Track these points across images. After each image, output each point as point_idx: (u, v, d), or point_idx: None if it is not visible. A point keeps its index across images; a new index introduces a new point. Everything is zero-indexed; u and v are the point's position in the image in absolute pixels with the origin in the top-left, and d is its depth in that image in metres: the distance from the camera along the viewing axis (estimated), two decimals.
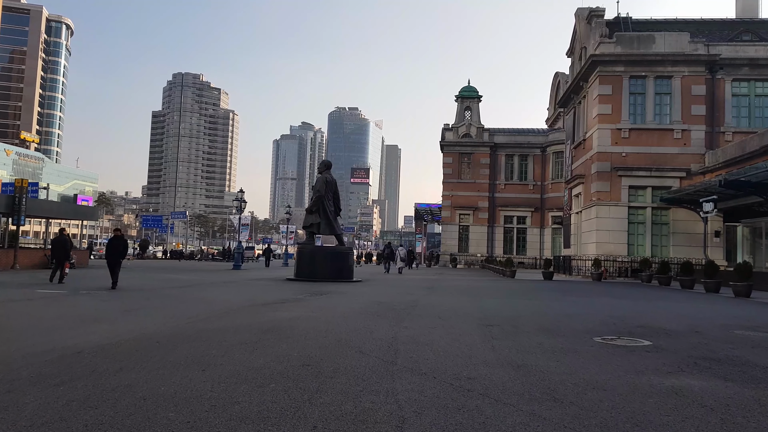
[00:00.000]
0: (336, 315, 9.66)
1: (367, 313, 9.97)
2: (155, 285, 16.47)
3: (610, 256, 28.18)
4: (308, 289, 15.76)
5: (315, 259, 20.06)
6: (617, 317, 10.29)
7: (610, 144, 29.17)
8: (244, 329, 7.90)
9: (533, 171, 50.74)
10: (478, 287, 19.27)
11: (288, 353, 6.16)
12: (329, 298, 12.92)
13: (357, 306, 11.20)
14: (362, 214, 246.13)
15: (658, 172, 28.70)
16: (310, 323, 8.59)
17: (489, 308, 11.36)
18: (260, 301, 11.98)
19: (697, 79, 28.94)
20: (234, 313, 9.90)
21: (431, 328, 8.28)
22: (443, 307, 11.28)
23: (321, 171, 21.33)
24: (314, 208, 20.50)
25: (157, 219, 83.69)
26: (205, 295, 13.41)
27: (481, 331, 8.18)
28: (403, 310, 10.58)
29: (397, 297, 13.62)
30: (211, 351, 6.22)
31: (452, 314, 10.10)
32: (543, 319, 9.69)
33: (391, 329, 8.09)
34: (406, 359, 5.94)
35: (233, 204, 32.80)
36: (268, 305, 11.16)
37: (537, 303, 13.02)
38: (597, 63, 29.45)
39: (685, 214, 28.10)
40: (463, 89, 52.81)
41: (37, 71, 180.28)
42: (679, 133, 28.79)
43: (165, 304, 11.35)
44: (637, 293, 17.87)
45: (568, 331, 8.38)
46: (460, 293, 15.88)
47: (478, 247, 50.27)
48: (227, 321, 8.78)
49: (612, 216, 28.81)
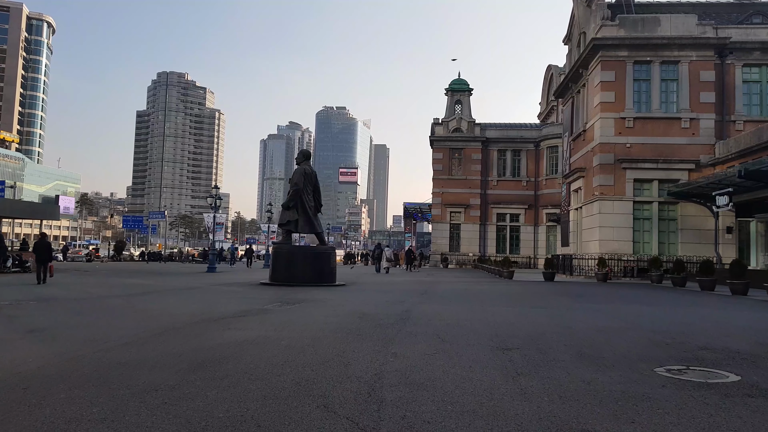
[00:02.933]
0: (304, 336, 7.42)
1: (345, 332, 7.74)
2: (102, 293, 14.12)
3: (614, 255, 26.14)
4: (281, 296, 13.50)
5: (292, 261, 17.78)
6: (663, 332, 8.14)
7: (614, 134, 27.14)
8: (169, 362, 5.65)
9: (526, 167, 48.77)
10: (477, 291, 17.09)
11: (211, 411, 3.94)
12: (302, 308, 10.67)
13: (334, 320, 8.97)
14: (350, 213, 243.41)
15: (665, 164, 26.71)
16: (265, 350, 6.35)
17: (499, 321, 9.17)
18: (215, 314, 9.71)
19: (705, 65, 26.99)
20: (172, 333, 7.63)
21: (429, 356, 6.08)
22: (442, 320, 9.08)
23: (299, 162, 18.95)
24: (291, 204, 18.14)
25: (138, 219, 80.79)
26: (152, 306, 11.10)
27: (498, 359, 5.99)
28: (391, 326, 8.36)
29: (384, 306, 11.39)
30: (92, 409, 3.98)
31: (455, 331, 7.90)
32: (573, 338, 7.50)
33: (374, 359, 5.88)
34: (394, 421, 3.74)
35: (207, 202, 30.38)
36: (222, 320, 8.90)
37: (554, 312, 10.85)
38: (599, 47, 27.41)
39: (695, 209, 26.15)
40: (453, 82, 50.71)
41: (18, 70, 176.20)
42: (687, 122, 26.82)
43: (91, 321, 9.04)
44: (660, 297, 15.79)
45: (614, 357, 6.21)
46: (459, 299, 13.68)
47: (470, 246, 48.20)
48: (155, 347, 6.53)
49: (616, 211, 26.78)
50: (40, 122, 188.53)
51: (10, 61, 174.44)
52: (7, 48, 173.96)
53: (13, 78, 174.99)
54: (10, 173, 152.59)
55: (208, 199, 29.87)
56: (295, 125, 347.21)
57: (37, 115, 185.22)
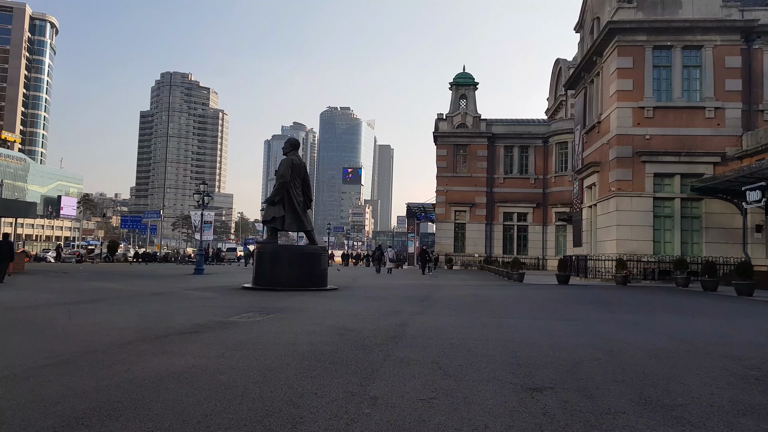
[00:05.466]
0: (256, 365, 5.46)
1: (314, 358, 5.79)
2: (51, 299, 12.19)
3: (633, 256, 24.10)
4: (257, 303, 11.56)
5: (278, 262, 15.81)
6: (738, 359, 6.16)
7: (632, 125, 25.10)
8: (37, 414, 3.72)
9: (534, 164, 46.70)
10: (485, 297, 15.09)
11: None
12: (273, 321, 8.71)
13: (306, 340, 7.01)
14: (354, 214, 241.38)
15: (688, 157, 24.65)
16: (190, 392, 4.40)
17: (518, 340, 7.18)
18: (160, 329, 7.77)
19: (731, 49, 24.93)
20: (85, 359, 5.69)
21: (425, 404, 4.12)
22: (445, 339, 7.12)
23: (286, 152, 16.96)
24: (277, 198, 16.13)
25: (136, 219, 79.04)
26: (92, 318, 9.16)
27: (526, 408, 4.03)
28: (378, 348, 6.41)
29: (375, 318, 9.43)
30: None
31: (462, 357, 5.93)
32: (623, 369, 5.52)
33: (342, 410, 3.93)
34: None
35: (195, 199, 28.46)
36: (163, 339, 6.96)
37: (583, 327, 8.84)
38: (615, 32, 25.37)
39: (721, 206, 24.10)
40: (457, 76, 48.68)
41: (21, 70, 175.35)
42: (711, 112, 24.75)
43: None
44: (700, 305, 13.79)
45: (695, 404, 4.24)
46: (466, 308, 11.69)
47: (476, 247, 46.14)
48: (45, 384, 4.59)
49: (635, 209, 24.74)
50: (43, 123, 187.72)
51: (13, 62, 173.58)
52: (9, 48, 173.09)
53: (16, 78, 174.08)
54: (12, 173, 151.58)
55: (195, 196, 27.92)
56: (299, 126, 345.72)
57: (40, 115, 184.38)
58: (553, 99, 55.22)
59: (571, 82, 33.53)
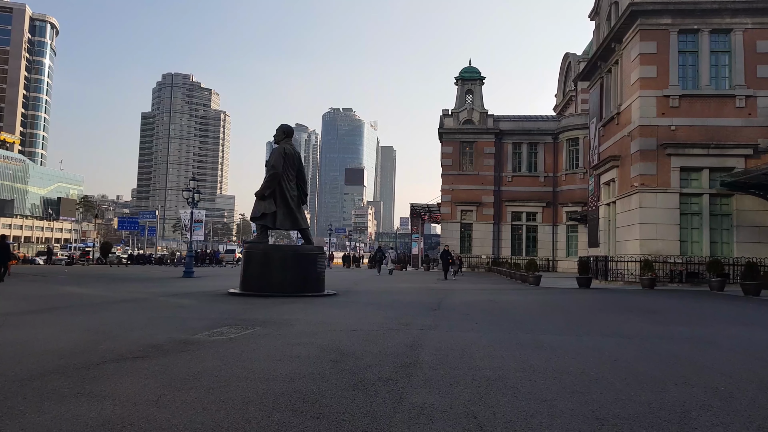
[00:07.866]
0: (201, 421, 3.58)
1: (291, 407, 3.92)
2: (6, 308, 10.35)
3: (658, 256, 22.19)
4: (238, 314, 9.69)
5: (268, 265, 13.92)
6: None
7: (656, 115, 23.19)
8: None
9: (544, 161, 44.85)
10: (506, 304, 13.19)
11: None
12: (247, 341, 6.82)
13: (284, 371, 5.12)
14: (357, 215, 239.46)
15: (717, 150, 22.72)
16: None
17: (575, 371, 5.27)
18: (97, 353, 5.90)
19: (763, 33, 23.00)
20: None
21: None
22: (476, 372, 5.22)
23: (278, 140, 15.01)
24: (267, 192, 14.24)
25: (134, 221, 77.28)
26: (27, 334, 7.28)
27: None
28: (384, 386, 4.53)
29: (378, 334, 7.52)
30: None
31: (508, 405, 4.05)
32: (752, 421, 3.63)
33: None
34: None
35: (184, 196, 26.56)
36: (94, 368, 5.09)
37: (643, 346, 6.90)
38: (637, 14, 23.48)
39: (753, 203, 22.20)
40: (463, 70, 46.85)
41: (21, 71, 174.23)
42: (742, 101, 22.83)
43: None
44: (754, 312, 11.91)
45: None
46: (489, 319, 9.79)
47: (483, 248, 44.27)
48: None
49: (659, 205, 22.82)
50: (43, 124, 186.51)
51: (13, 63, 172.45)
52: (9, 49, 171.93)
53: (15, 79, 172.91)
54: (11, 175, 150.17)
55: (184, 193, 25.98)
56: (301, 127, 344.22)
57: (40, 116, 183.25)
58: (561, 95, 53.35)
59: (585, 73, 31.60)
